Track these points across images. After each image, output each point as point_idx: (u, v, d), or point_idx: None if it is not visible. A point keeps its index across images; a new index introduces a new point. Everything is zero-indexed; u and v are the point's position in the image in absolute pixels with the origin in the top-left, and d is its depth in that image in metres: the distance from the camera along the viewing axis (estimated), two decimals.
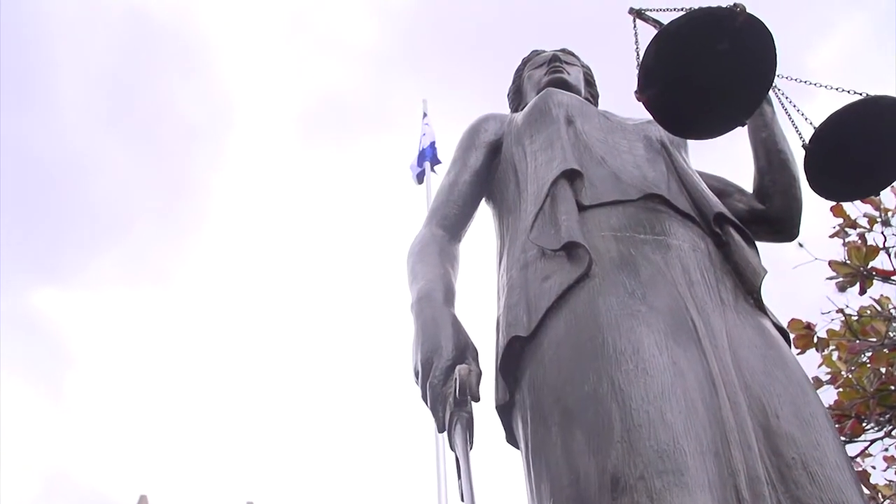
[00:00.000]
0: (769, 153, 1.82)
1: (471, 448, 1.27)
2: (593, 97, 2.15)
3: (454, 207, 1.75)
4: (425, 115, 6.50)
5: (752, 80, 1.52)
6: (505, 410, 1.38)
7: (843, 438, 3.55)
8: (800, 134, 1.73)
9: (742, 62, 1.48)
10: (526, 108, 1.82)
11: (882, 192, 1.79)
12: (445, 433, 1.30)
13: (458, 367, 1.27)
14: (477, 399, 1.33)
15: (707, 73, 1.49)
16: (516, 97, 2.18)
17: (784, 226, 1.80)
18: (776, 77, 1.87)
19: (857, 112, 1.63)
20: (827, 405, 3.65)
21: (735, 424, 1.15)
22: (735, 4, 1.45)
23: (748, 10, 1.45)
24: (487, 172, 1.81)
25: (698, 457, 1.06)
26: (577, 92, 2.03)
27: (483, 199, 1.83)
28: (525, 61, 2.21)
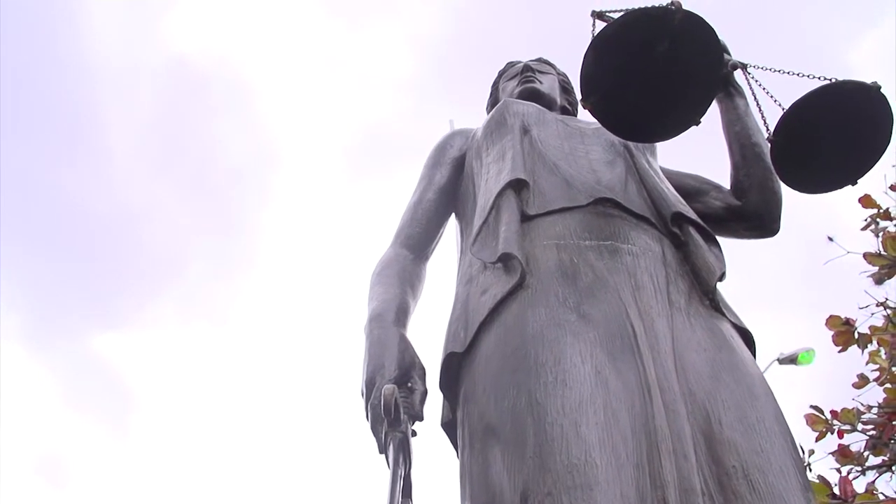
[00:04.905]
0: (743, 147, 1.76)
1: (409, 468, 1.26)
2: (570, 104, 2.12)
3: (418, 226, 1.75)
4: None
5: (699, 79, 1.48)
6: (450, 428, 1.36)
7: None
8: (767, 126, 1.68)
9: (686, 61, 1.44)
10: (484, 121, 1.81)
11: None
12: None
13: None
14: (419, 418, 1.32)
15: (650, 74, 1.45)
16: None
17: (762, 221, 1.74)
18: (750, 67, 1.83)
19: (820, 99, 1.57)
20: (876, 403, 3.48)
21: (670, 433, 1.10)
22: (671, 3, 1.41)
23: (684, 7, 1.41)
24: (453, 189, 1.80)
25: (612, 470, 1.01)
26: (551, 100, 2.01)
27: (452, 216, 1.83)
28: (500, 73, 2.20)
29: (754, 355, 1.41)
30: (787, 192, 1.75)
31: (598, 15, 1.76)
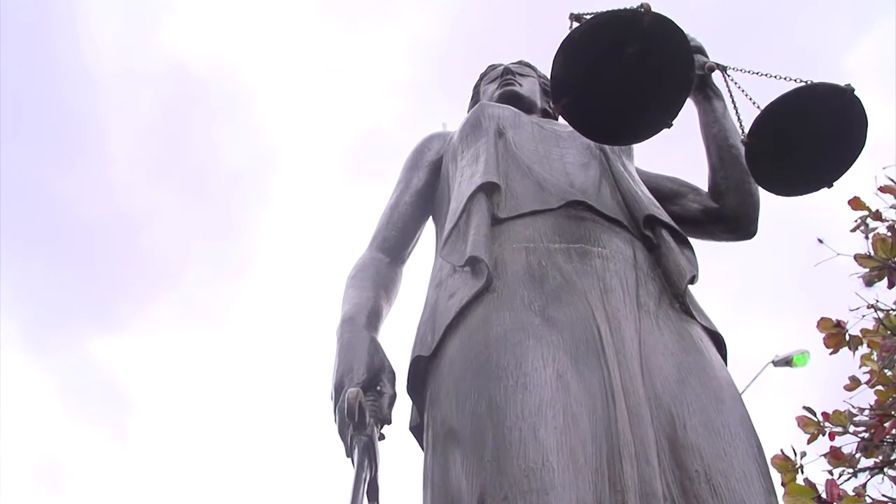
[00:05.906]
0: (720, 149, 1.76)
1: (375, 471, 1.26)
2: (551, 107, 2.12)
3: (394, 230, 1.74)
4: None
5: (670, 81, 1.47)
6: (418, 432, 1.36)
7: (888, 439, 3.36)
8: (742, 128, 1.67)
9: (656, 63, 1.44)
10: (460, 124, 1.81)
11: None
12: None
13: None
14: (387, 422, 1.32)
15: (621, 77, 1.45)
16: None
17: (740, 223, 1.74)
18: (730, 70, 1.83)
19: (793, 102, 1.56)
20: (867, 405, 3.47)
21: (632, 438, 1.09)
22: (641, 5, 1.41)
23: (654, 10, 1.41)
24: (430, 192, 1.80)
25: (569, 474, 1.01)
26: (531, 103, 2.01)
27: (430, 219, 1.83)
28: (482, 76, 2.20)
29: (725, 359, 1.40)
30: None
31: (575, 17, 1.75)
